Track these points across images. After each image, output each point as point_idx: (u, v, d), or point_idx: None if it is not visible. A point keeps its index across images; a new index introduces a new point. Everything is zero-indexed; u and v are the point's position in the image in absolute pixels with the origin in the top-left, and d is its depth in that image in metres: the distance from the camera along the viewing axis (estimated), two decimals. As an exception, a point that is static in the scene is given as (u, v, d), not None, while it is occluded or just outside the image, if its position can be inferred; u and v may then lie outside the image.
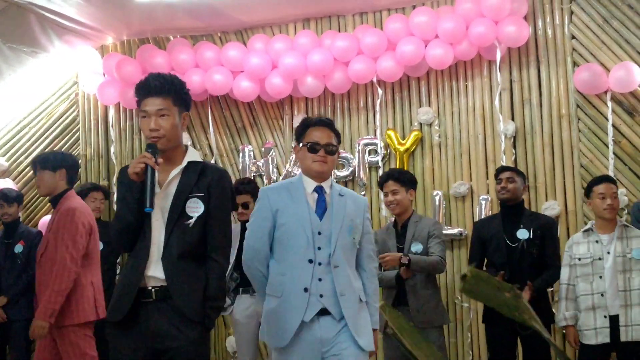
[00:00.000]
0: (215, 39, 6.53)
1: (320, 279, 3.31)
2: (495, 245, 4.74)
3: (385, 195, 4.74)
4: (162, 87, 3.08)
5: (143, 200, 2.96)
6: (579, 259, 4.50)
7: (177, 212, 3.07)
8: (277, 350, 3.35)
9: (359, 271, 3.48)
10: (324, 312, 3.30)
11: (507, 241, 4.69)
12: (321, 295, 3.29)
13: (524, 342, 4.63)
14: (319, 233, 3.35)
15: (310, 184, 3.44)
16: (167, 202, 3.08)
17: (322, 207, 3.41)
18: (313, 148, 3.41)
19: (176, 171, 3.12)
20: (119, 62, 6.26)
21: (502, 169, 4.94)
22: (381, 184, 4.80)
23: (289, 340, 3.27)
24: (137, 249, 3.08)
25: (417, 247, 4.57)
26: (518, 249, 4.64)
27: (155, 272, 3.04)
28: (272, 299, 3.38)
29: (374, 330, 3.44)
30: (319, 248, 3.33)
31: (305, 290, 3.29)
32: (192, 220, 3.07)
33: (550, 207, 5.51)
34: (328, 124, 3.50)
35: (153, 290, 3.03)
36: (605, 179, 4.65)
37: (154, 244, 3.06)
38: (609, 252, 4.44)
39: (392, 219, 4.87)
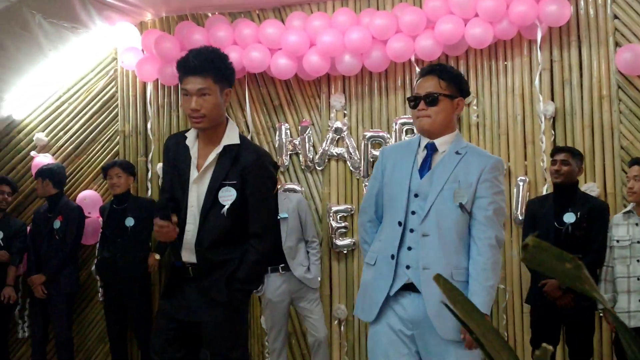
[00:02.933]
0: (253, 16, 6.53)
1: (409, 248, 2.95)
2: (543, 227, 4.68)
3: None
4: (201, 66, 3.07)
5: (175, 254, 3.26)
6: (617, 241, 4.45)
7: (210, 202, 3.14)
8: (369, 326, 3.08)
9: (470, 243, 2.96)
10: (412, 288, 2.93)
11: (555, 223, 4.63)
12: (408, 267, 2.94)
13: (568, 327, 4.60)
14: (416, 195, 2.98)
15: (424, 142, 3.09)
16: (203, 190, 3.16)
17: (426, 167, 3.03)
18: (412, 103, 3.05)
19: (212, 156, 3.16)
20: (158, 38, 6.29)
21: (558, 150, 4.81)
22: None
23: (375, 315, 2.98)
24: None
25: None
26: (563, 231, 4.59)
27: (191, 258, 3.18)
28: (366, 268, 3.12)
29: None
30: (413, 212, 2.96)
31: (392, 257, 2.95)
32: (225, 209, 3.13)
33: (589, 189, 5.44)
34: (432, 70, 3.07)
35: (190, 268, 3.19)
36: (634, 161, 4.59)
37: (188, 230, 3.18)
38: None
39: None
